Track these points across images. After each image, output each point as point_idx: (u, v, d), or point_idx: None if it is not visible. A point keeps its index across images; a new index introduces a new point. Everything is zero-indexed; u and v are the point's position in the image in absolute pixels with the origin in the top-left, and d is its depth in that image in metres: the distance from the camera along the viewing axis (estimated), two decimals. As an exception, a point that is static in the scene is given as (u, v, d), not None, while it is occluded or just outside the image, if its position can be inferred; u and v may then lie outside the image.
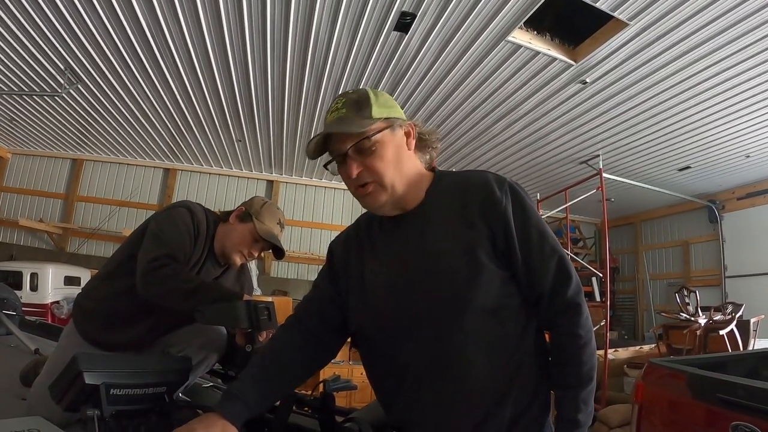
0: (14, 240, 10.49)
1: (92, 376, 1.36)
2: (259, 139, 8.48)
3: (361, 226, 1.56)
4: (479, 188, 1.34)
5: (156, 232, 2.12)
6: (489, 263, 1.28)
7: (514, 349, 1.32)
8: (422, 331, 1.31)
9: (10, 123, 8.83)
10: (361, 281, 1.45)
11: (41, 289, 7.87)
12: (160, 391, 1.58)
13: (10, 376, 2.61)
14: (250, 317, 1.90)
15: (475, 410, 1.29)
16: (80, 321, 2.23)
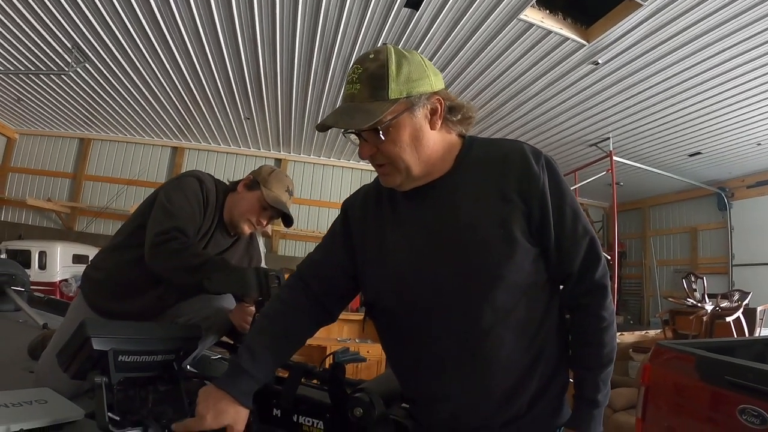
0: (22, 219, 10.56)
1: (100, 342, 1.34)
2: (267, 117, 8.42)
3: (382, 189, 1.45)
4: (516, 161, 1.29)
5: (165, 203, 2.10)
6: (522, 239, 1.25)
7: (539, 327, 1.31)
8: (449, 306, 1.28)
9: (17, 103, 8.82)
10: (381, 249, 1.40)
11: (50, 268, 7.92)
12: (169, 359, 1.56)
13: (19, 350, 2.63)
14: (261, 285, 1.88)
15: (499, 387, 1.28)
16: (89, 292, 2.22)
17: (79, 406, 1.77)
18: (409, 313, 1.34)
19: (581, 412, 1.31)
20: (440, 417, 1.35)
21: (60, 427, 1.65)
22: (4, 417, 1.55)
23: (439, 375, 1.32)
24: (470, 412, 1.31)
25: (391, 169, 1.31)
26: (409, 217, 1.37)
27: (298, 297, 1.53)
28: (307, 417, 1.71)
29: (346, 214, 1.53)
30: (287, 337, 1.50)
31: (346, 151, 10.33)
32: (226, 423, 1.34)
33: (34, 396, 1.78)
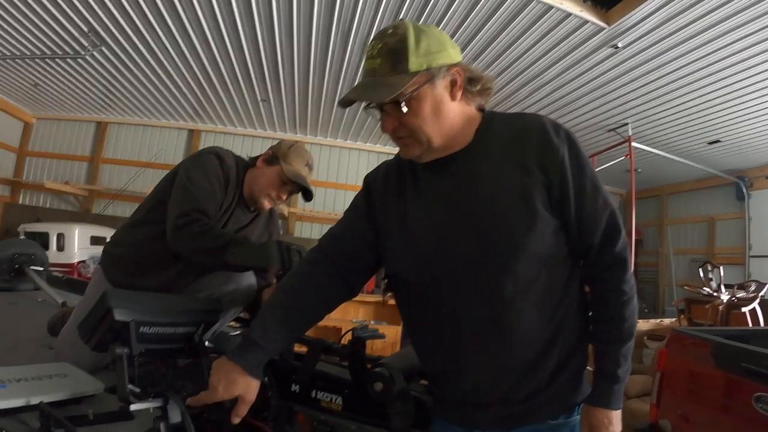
0: (40, 203, 10.68)
1: (122, 313, 1.35)
2: (284, 99, 8.40)
3: (403, 162, 1.46)
4: (536, 133, 1.29)
5: (185, 182, 2.10)
6: (543, 210, 1.25)
7: (560, 301, 1.31)
8: (470, 277, 1.28)
9: (33, 88, 8.89)
10: (403, 222, 1.40)
11: (68, 249, 7.99)
12: (189, 331, 1.57)
13: (38, 327, 2.65)
14: (283, 257, 1.88)
15: (519, 361, 1.29)
16: (109, 268, 2.24)
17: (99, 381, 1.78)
18: (429, 285, 1.34)
19: (601, 388, 1.30)
20: (459, 391, 1.36)
21: (79, 400, 1.66)
22: (25, 390, 1.57)
23: (459, 348, 1.32)
24: (490, 386, 1.31)
25: (412, 141, 1.31)
26: (429, 190, 1.37)
27: (318, 271, 1.52)
28: (325, 393, 1.72)
29: (368, 187, 1.53)
30: (302, 311, 1.50)
31: (362, 133, 10.27)
32: (237, 393, 1.36)
33: (54, 370, 1.80)
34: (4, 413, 1.48)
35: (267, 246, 1.90)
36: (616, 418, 1.29)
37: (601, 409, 1.29)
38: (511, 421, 1.32)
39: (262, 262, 1.91)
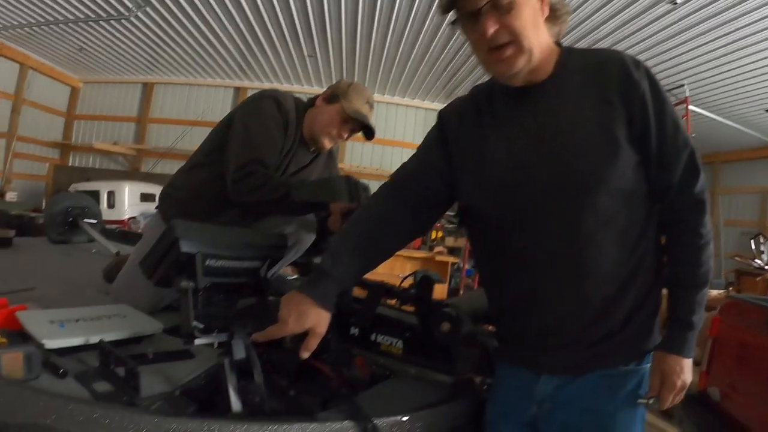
0: (89, 164, 10.96)
1: (189, 244, 1.32)
2: (330, 55, 8.37)
3: (479, 96, 1.45)
4: (616, 67, 1.26)
5: (243, 131, 2.08)
6: (625, 144, 1.23)
7: (638, 240, 1.29)
8: (550, 210, 1.26)
9: (79, 52, 9.05)
10: (480, 154, 1.38)
11: (118, 206, 8.19)
12: (255, 266, 1.55)
13: (94, 275, 2.65)
14: (350, 191, 1.85)
15: (596, 299, 1.27)
16: (167, 211, 2.24)
17: (157, 322, 1.79)
18: (506, 218, 1.33)
19: (675, 334, 1.29)
20: (529, 333, 1.36)
21: (138, 340, 1.66)
22: (83, 329, 1.56)
23: (534, 285, 1.32)
24: (562, 327, 1.31)
25: (515, 50, 1.25)
26: (509, 121, 1.35)
27: (390, 204, 1.51)
28: (385, 336, 1.71)
29: (443, 121, 1.51)
30: (374, 244, 1.48)
31: (410, 90, 10.17)
32: (308, 326, 1.35)
33: (113, 311, 1.80)
34: (62, 352, 1.47)
35: (333, 180, 1.88)
36: (688, 366, 1.28)
37: (674, 356, 1.27)
38: (582, 365, 1.31)
39: (329, 196, 1.88)
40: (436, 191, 1.49)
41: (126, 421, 1.13)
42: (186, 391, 1.40)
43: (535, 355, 1.36)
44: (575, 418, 1.31)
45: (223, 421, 1.17)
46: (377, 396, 1.49)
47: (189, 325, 1.29)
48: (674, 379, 1.27)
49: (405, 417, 1.37)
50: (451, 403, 1.52)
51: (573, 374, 1.32)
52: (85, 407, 1.15)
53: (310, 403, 1.47)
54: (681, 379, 1.27)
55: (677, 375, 1.26)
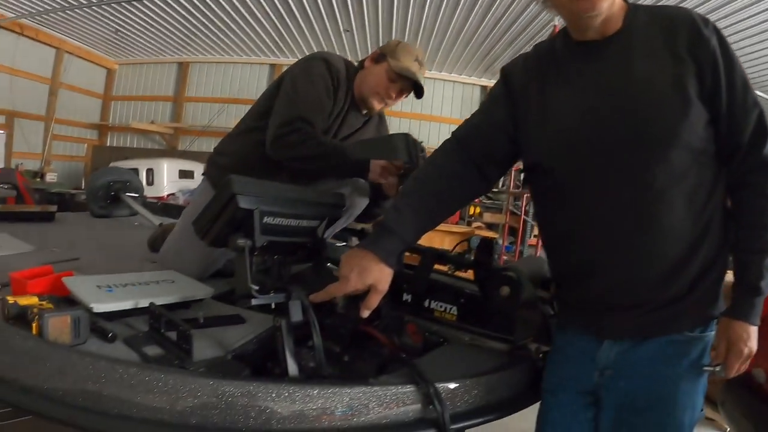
0: (127, 143, 11.17)
1: (247, 200, 1.26)
2: (367, 29, 8.30)
3: (542, 51, 1.42)
4: (686, 23, 1.23)
5: (289, 90, 2.03)
6: (696, 100, 1.20)
7: (707, 200, 1.25)
8: (621, 165, 1.23)
9: (114, 35, 9.13)
10: (546, 110, 1.34)
11: (157, 183, 8.32)
12: (313, 225, 1.48)
13: (138, 245, 2.65)
14: (409, 150, 1.78)
15: (665, 259, 1.23)
16: (215, 176, 2.19)
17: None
18: (575, 174, 1.29)
19: (742, 300, 1.26)
20: (594, 296, 1.32)
21: (187, 305, 1.62)
22: (132, 294, 1.53)
23: (602, 244, 1.27)
24: (630, 287, 1.27)
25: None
26: (578, 75, 1.31)
27: (453, 160, 1.47)
28: (439, 302, 1.66)
29: (507, 77, 1.47)
30: (438, 200, 1.44)
31: (447, 64, 10.02)
32: (370, 282, 1.31)
33: (161, 276, 1.77)
34: (110, 317, 1.44)
35: (392, 138, 1.81)
36: (754, 333, 1.25)
37: (740, 322, 1.24)
38: (646, 330, 1.28)
39: (387, 154, 1.82)
40: (500, 147, 1.45)
41: (180, 384, 1.08)
42: (238, 356, 1.36)
43: (598, 320, 1.32)
44: (638, 385, 1.27)
45: (281, 384, 1.12)
46: (433, 362, 1.43)
47: (246, 286, 1.23)
48: (741, 346, 1.24)
49: (464, 382, 1.32)
50: (509, 371, 1.47)
51: (637, 339, 1.28)
52: (135, 370, 1.11)
53: (365, 368, 1.43)
54: (748, 347, 1.24)
55: (744, 342, 1.24)
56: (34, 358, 1.15)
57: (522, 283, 1.43)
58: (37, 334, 1.21)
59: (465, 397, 1.32)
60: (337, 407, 1.15)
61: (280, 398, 1.09)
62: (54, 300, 1.44)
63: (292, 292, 1.29)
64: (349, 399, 1.15)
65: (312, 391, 1.12)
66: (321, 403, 1.13)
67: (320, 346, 1.25)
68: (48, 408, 1.10)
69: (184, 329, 1.26)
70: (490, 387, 1.38)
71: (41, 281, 1.56)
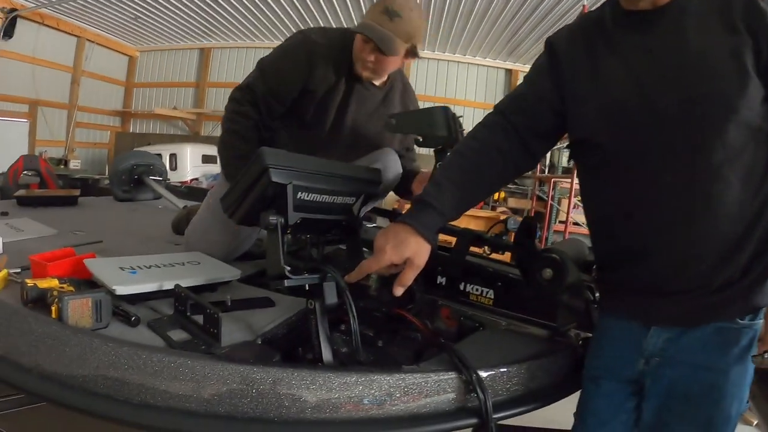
0: (150, 129, 11.19)
1: (280, 174, 1.17)
2: (392, 11, 8.09)
3: (590, 21, 1.34)
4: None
5: (262, 63, 2.01)
6: (753, 74, 1.11)
7: (762, 181, 1.17)
8: (675, 140, 1.15)
9: (135, 21, 9.09)
10: (595, 82, 1.26)
11: (180, 168, 8.32)
12: (348, 203, 1.39)
13: (162, 228, 2.63)
14: (449, 124, 1.66)
15: (720, 241, 1.16)
16: None
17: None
18: (625, 150, 1.22)
19: None
20: (643, 279, 1.25)
21: (214, 287, 1.56)
22: (156, 276, 1.48)
23: (653, 222, 1.20)
24: (682, 269, 1.19)
25: None
26: (629, 46, 1.24)
27: (497, 134, 1.38)
28: (475, 285, 1.60)
29: (552, 49, 1.39)
30: (480, 175, 1.36)
31: (471, 47, 9.84)
32: (407, 255, 1.23)
33: (186, 258, 1.71)
34: (134, 300, 1.39)
35: (431, 111, 1.68)
36: None
37: None
38: (696, 316, 1.20)
39: (425, 129, 1.70)
40: (545, 119, 1.37)
41: (207, 371, 1.01)
42: (268, 340, 1.29)
43: (646, 305, 1.25)
44: (685, 374, 1.20)
45: (316, 371, 1.05)
46: (470, 348, 1.34)
47: (279, 266, 1.15)
48: None
49: (505, 369, 1.26)
50: (550, 357, 1.40)
51: (686, 326, 1.21)
52: (160, 356, 1.05)
53: (400, 353, 1.38)
54: None
55: None
56: (53, 342, 1.09)
57: (567, 265, 1.35)
58: (57, 317, 1.16)
59: (507, 385, 1.25)
60: (375, 395, 1.08)
61: (315, 386, 1.03)
62: (75, 283, 1.40)
63: (326, 272, 1.21)
64: (388, 386, 1.08)
65: (349, 379, 1.04)
66: (358, 391, 1.06)
67: (357, 331, 1.18)
68: (67, 396, 1.04)
69: (212, 312, 1.19)
70: (532, 374, 1.31)
71: (62, 264, 1.52)
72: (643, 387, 1.27)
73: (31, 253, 1.56)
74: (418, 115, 1.71)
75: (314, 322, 1.16)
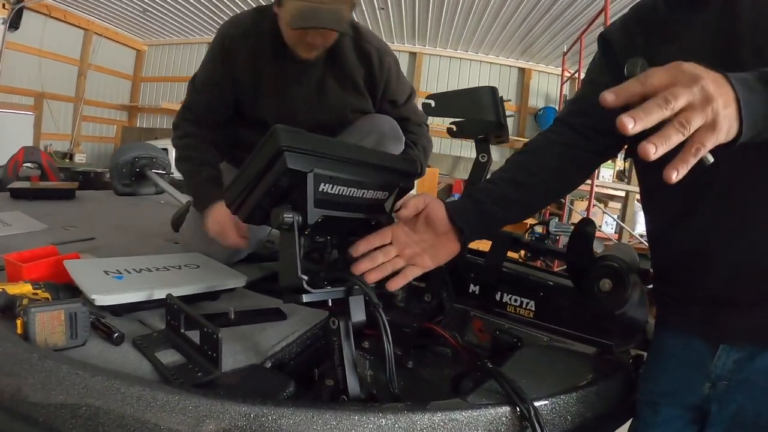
0: (157, 124, 11.06)
1: (298, 160, 0.92)
2: (402, 6, 7.96)
3: (643, 10, 1.25)
4: None
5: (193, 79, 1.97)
6: None
7: None
8: None
9: (143, 14, 8.95)
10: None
11: (189, 163, 8.07)
12: (380, 198, 1.15)
13: (162, 225, 2.45)
14: (497, 108, 1.44)
15: None
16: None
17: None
18: None
19: None
20: (705, 288, 1.11)
21: (215, 295, 1.36)
22: (147, 282, 1.29)
23: (726, 219, 1.07)
24: (749, 279, 1.05)
25: None
26: (686, 27, 1.14)
27: (558, 134, 1.30)
28: (514, 296, 1.46)
29: (606, 42, 1.30)
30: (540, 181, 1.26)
31: (484, 46, 9.69)
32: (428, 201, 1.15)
33: (184, 260, 1.51)
34: (120, 310, 1.19)
35: (478, 92, 1.45)
36: None
37: None
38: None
39: (471, 112, 1.47)
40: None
41: (201, 409, 0.79)
42: (278, 363, 1.09)
43: (714, 319, 1.10)
44: (758, 402, 1.04)
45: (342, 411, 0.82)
46: (514, 369, 1.14)
47: (295, 275, 0.92)
48: None
49: (562, 398, 1.06)
50: (607, 381, 1.20)
51: (761, 345, 1.04)
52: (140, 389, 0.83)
53: (434, 376, 1.21)
54: None
55: None
56: (13, 367, 0.87)
57: (628, 276, 1.16)
58: (22, 333, 0.95)
59: (564, 417, 1.06)
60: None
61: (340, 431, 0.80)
62: (52, 288, 1.21)
63: (354, 283, 0.99)
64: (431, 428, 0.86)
65: (384, 420, 0.83)
66: (395, 436, 0.84)
67: (392, 358, 0.95)
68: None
69: (210, 331, 0.97)
70: (589, 403, 1.12)
71: (38, 265, 1.32)
72: (707, 415, 1.10)
73: (15, 250, 1.38)
74: (461, 95, 1.47)
75: (338, 346, 0.94)
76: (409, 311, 1.34)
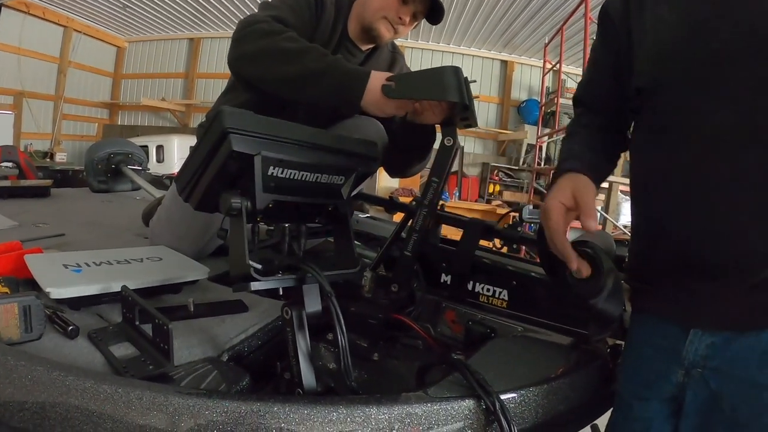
0: (138, 122, 11.06)
1: (244, 142, 0.88)
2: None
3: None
4: None
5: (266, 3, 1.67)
6: None
7: None
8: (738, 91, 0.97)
9: (123, 11, 8.95)
10: (645, 26, 1.14)
11: (167, 160, 8.20)
12: (336, 183, 1.10)
13: (134, 220, 2.42)
14: (461, 89, 1.34)
15: None
16: None
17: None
18: (681, 99, 1.05)
19: None
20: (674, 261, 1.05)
21: (177, 288, 1.33)
22: (105, 275, 1.25)
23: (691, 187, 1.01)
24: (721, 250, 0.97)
25: None
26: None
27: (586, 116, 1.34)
28: (486, 285, 1.42)
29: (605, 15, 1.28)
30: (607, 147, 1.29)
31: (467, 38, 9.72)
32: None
33: (147, 253, 1.47)
34: (78, 303, 1.16)
35: (442, 72, 1.35)
36: None
37: None
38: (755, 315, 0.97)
39: (435, 93, 1.38)
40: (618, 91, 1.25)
41: (147, 402, 0.76)
42: (236, 356, 1.06)
43: (684, 300, 1.04)
44: (730, 390, 0.98)
45: (291, 403, 0.79)
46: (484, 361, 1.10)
47: (243, 263, 0.88)
48: None
49: (532, 391, 1.02)
50: (581, 373, 1.17)
51: (736, 330, 0.98)
52: (87, 381, 0.79)
53: (400, 370, 1.16)
54: None
55: None
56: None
57: (604, 263, 1.10)
58: (-24, 326, 0.92)
59: (534, 410, 1.01)
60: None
61: (289, 425, 0.77)
62: (12, 283, 1.19)
63: (306, 271, 0.95)
64: (388, 421, 0.82)
65: (335, 414, 0.79)
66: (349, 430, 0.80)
67: (346, 348, 0.91)
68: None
69: (160, 322, 0.93)
70: (563, 395, 1.07)
71: (0, 260, 1.29)
72: (681, 403, 1.04)
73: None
74: (423, 76, 1.40)
75: (291, 337, 0.91)
76: (377, 302, 1.30)
